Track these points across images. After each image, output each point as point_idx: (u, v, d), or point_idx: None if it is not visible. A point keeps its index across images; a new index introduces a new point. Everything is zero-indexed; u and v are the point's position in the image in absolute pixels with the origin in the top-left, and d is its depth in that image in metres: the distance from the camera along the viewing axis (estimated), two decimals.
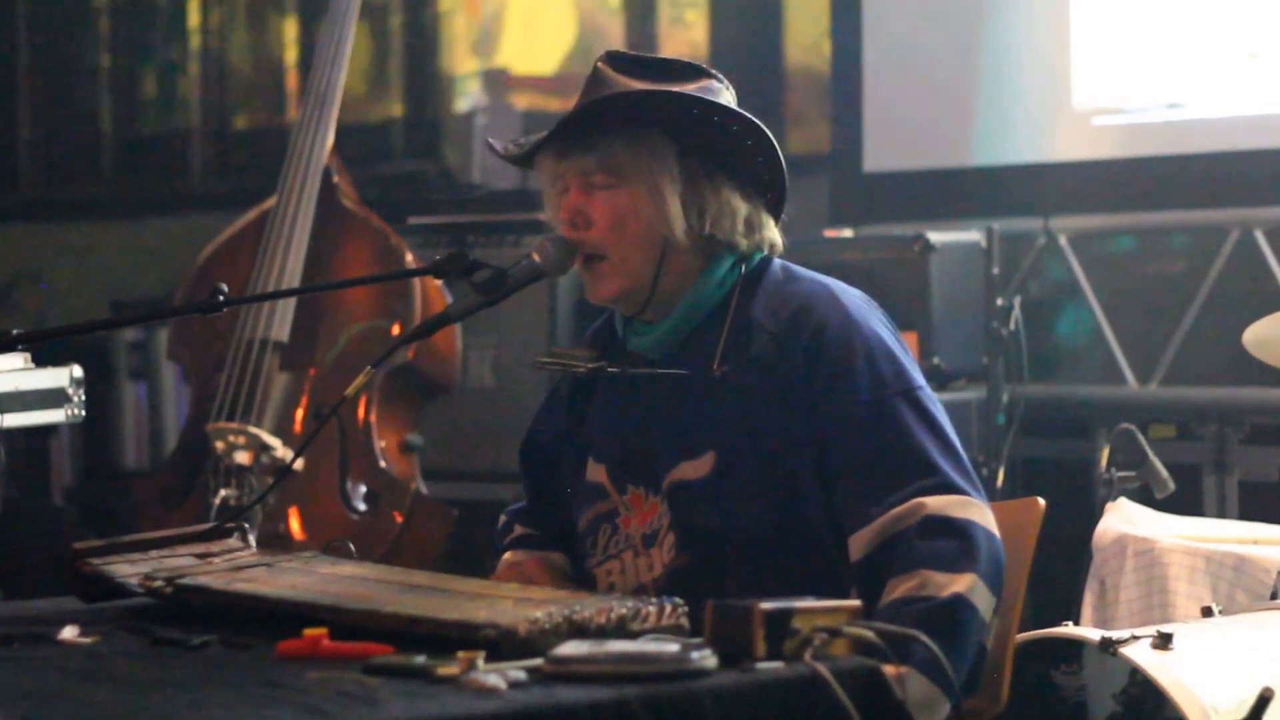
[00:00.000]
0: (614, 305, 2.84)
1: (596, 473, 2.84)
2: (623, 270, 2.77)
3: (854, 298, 2.80)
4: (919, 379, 2.74)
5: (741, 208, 2.79)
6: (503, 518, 3.03)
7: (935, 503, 2.62)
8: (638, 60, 2.80)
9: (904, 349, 2.78)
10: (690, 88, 2.77)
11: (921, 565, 2.60)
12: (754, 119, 2.76)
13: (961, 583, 2.59)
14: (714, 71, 2.82)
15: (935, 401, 2.75)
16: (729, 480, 2.71)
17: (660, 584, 2.73)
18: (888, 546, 2.63)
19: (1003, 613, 2.90)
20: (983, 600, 2.61)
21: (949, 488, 2.64)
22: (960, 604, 2.59)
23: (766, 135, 2.76)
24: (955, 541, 2.61)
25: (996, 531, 2.66)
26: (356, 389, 2.84)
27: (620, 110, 2.73)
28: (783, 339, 2.73)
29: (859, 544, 2.65)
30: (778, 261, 2.85)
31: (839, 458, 2.68)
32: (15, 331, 2.84)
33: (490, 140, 2.86)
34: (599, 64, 2.79)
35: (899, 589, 2.60)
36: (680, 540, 2.74)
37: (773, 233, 2.84)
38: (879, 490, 2.64)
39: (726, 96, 2.80)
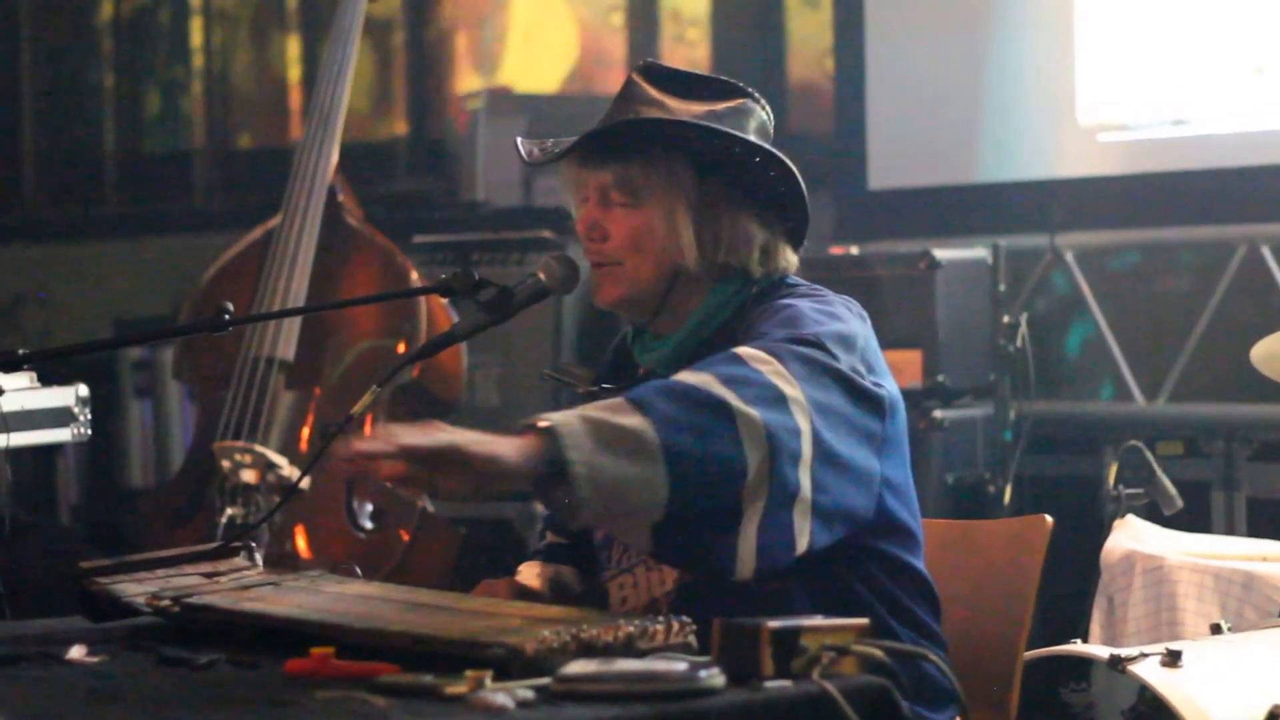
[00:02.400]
0: (618, 310, 2.83)
1: None
2: (633, 279, 2.77)
3: (827, 300, 2.74)
4: (831, 344, 2.59)
5: (759, 235, 2.78)
6: (540, 525, 3.04)
7: (758, 353, 2.51)
8: (673, 75, 2.80)
9: (858, 345, 2.66)
10: (722, 107, 2.77)
11: (710, 370, 2.49)
12: (777, 152, 2.76)
13: (745, 408, 2.45)
14: (750, 90, 2.82)
15: (834, 357, 2.58)
16: None
17: (672, 598, 2.73)
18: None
19: (1010, 629, 2.90)
20: (750, 432, 2.45)
21: (782, 356, 2.51)
22: (725, 408, 2.45)
23: (789, 166, 2.76)
24: (757, 390, 2.48)
25: (792, 410, 2.49)
26: (363, 408, 2.84)
27: (643, 133, 2.74)
28: (749, 327, 2.72)
29: None
30: (791, 278, 2.84)
31: None
32: (21, 351, 2.84)
33: (519, 140, 2.85)
34: (634, 75, 2.80)
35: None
36: None
37: (789, 259, 2.82)
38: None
39: (760, 116, 2.80)
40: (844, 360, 2.61)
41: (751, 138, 2.77)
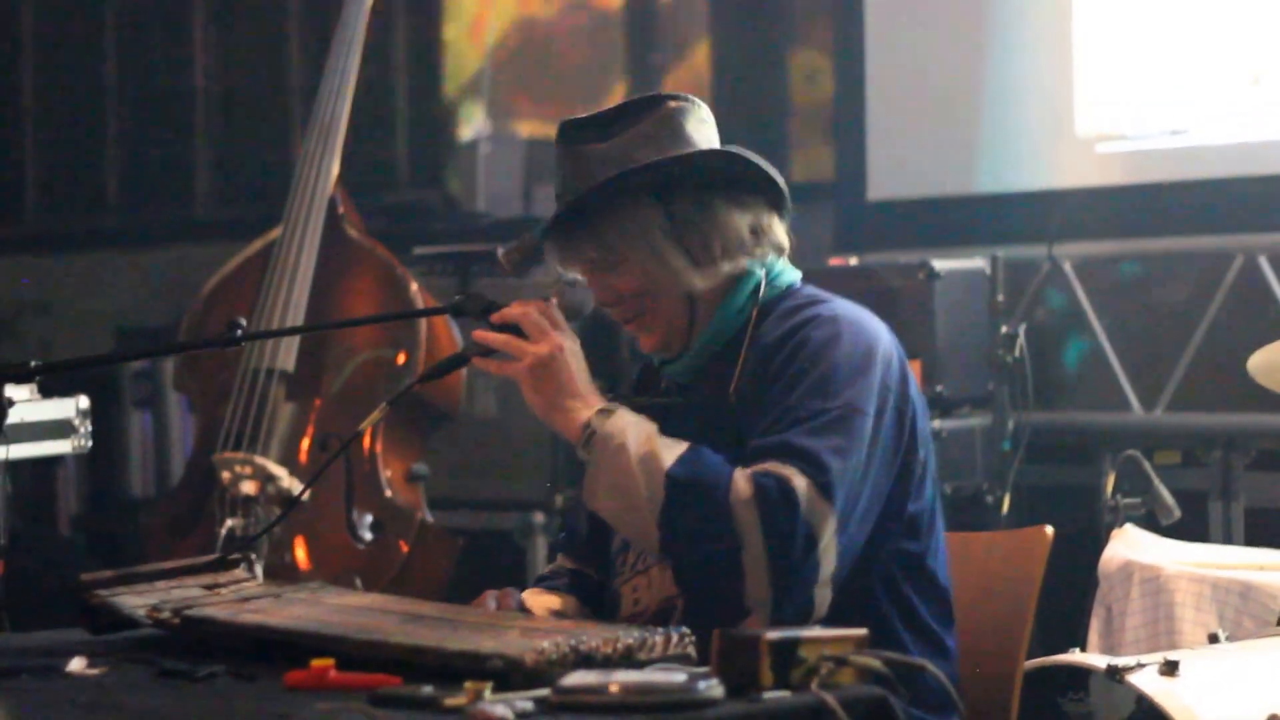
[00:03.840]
0: (662, 353, 2.88)
1: None
2: (663, 320, 2.83)
3: (860, 322, 2.79)
4: (868, 404, 2.69)
5: (742, 221, 2.81)
6: (552, 544, 3.08)
7: (803, 485, 2.59)
8: (592, 121, 2.83)
9: (881, 376, 2.74)
10: (648, 124, 2.79)
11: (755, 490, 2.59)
12: (707, 149, 2.80)
13: (754, 558, 2.58)
14: (670, 95, 2.85)
15: (876, 430, 2.69)
16: None
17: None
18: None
19: (1010, 639, 2.91)
20: (755, 587, 2.59)
21: (823, 486, 2.60)
22: (735, 557, 2.59)
23: (729, 151, 2.79)
24: (787, 531, 2.59)
25: (821, 548, 2.61)
26: (370, 424, 2.85)
27: (590, 202, 2.77)
28: (773, 350, 2.76)
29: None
30: (808, 288, 2.88)
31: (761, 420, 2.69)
32: (34, 363, 2.85)
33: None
34: (556, 145, 2.84)
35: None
36: None
37: (778, 231, 2.85)
38: (770, 455, 2.63)
39: (686, 109, 2.83)
40: (874, 407, 2.70)
41: (691, 134, 2.80)
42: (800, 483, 2.60)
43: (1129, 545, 3.80)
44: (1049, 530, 2.95)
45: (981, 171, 5.66)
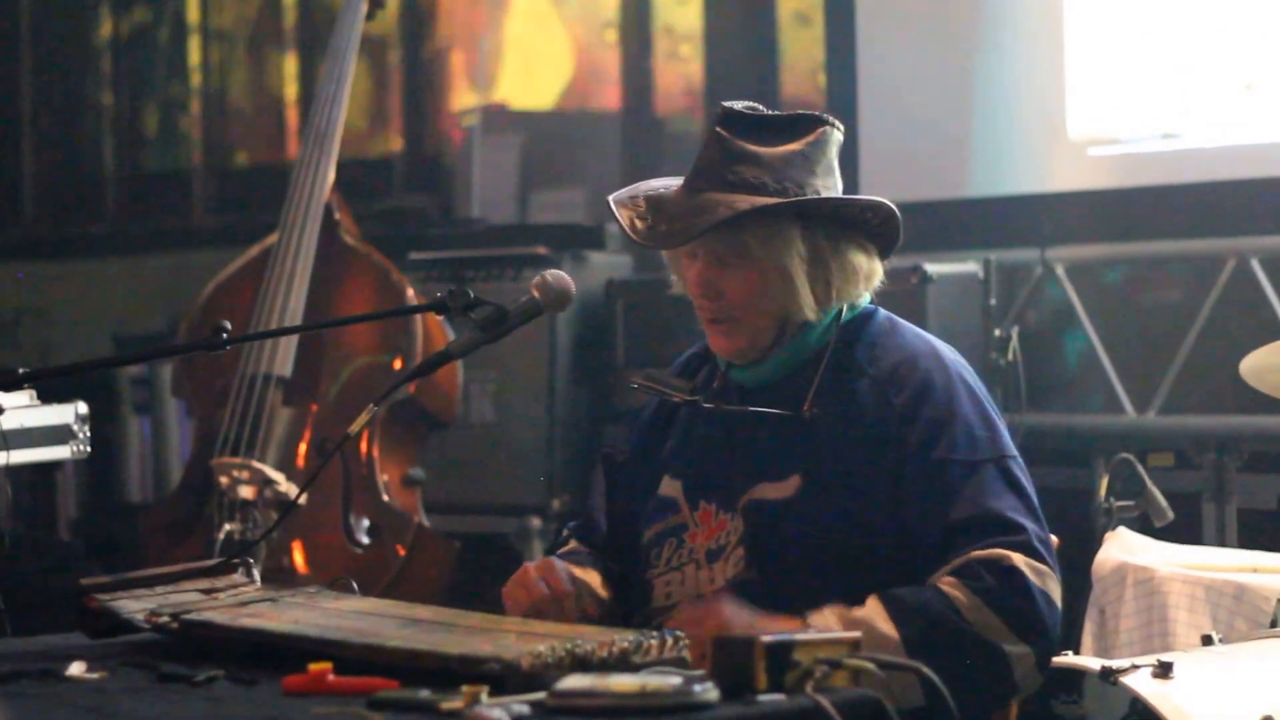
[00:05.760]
0: (735, 358, 2.91)
1: (671, 488, 2.90)
2: (751, 332, 2.86)
3: (956, 359, 2.91)
4: (1011, 448, 2.83)
5: (863, 264, 2.88)
6: (565, 531, 3.07)
7: (1019, 559, 2.70)
8: (757, 122, 2.85)
9: (998, 415, 2.87)
10: (804, 144, 2.83)
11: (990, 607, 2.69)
12: (873, 200, 2.85)
13: (1016, 647, 2.69)
14: (826, 117, 2.88)
15: (1024, 470, 2.83)
16: (811, 502, 2.80)
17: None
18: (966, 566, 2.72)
19: None
20: (1025, 671, 2.71)
21: (1031, 549, 2.72)
22: (1000, 656, 2.69)
23: (882, 204, 2.85)
24: (1027, 607, 2.70)
25: (1059, 605, 2.74)
26: (359, 426, 2.87)
27: (755, 216, 2.80)
28: (885, 385, 2.83)
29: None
30: (882, 312, 2.94)
31: (929, 512, 2.75)
32: (21, 370, 2.87)
33: (614, 205, 2.88)
34: (719, 129, 2.85)
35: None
36: (750, 555, 2.80)
37: (880, 272, 2.92)
38: (965, 544, 2.73)
39: (837, 138, 2.88)
40: (1014, 448, 2.84)
41: (834, 163, 2.86)
42: (1016, 558, 2.69)
43: (1122, 547, 3.81)
44: (1054, 539, 2.97)
45: (974, 175, 5.68)
